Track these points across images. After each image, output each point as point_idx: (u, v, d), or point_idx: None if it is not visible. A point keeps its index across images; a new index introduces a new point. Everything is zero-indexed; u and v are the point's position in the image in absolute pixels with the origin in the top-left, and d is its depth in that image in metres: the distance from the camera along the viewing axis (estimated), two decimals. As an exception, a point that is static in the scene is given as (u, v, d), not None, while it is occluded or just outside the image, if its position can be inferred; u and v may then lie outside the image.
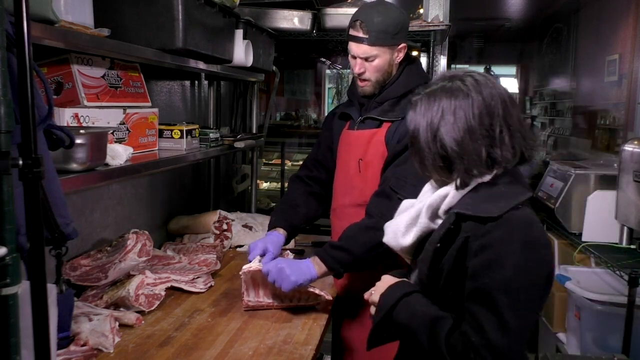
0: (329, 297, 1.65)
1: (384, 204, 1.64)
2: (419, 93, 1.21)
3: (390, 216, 1.63)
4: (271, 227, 1.87)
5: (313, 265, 1.62)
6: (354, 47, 1.72)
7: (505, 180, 1.15)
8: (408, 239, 1.24)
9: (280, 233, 1.84)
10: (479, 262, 1.08)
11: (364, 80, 1.75)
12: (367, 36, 1.67)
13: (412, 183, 1.63)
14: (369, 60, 1.71)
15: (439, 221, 1.19)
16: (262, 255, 1.72)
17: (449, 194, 1.17)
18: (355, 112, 1.85)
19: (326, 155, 1.97)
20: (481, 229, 1.09)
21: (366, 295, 1.32)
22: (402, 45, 1.74)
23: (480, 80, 1.15)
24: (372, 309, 1.28)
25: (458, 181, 1.15)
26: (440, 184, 1.21)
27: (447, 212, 1.18)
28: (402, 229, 1.26)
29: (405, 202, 1.34)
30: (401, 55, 1.76)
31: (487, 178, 1.15)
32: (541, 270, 1.09)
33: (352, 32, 1.71)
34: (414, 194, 1.63)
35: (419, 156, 1.20)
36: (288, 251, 1.86)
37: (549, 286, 1.13)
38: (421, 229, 1.22)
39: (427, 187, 1.30)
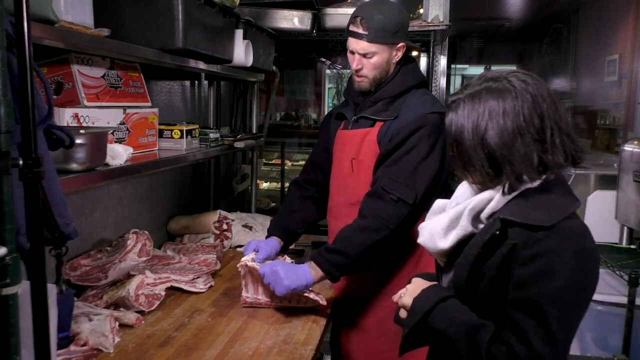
0: (323, 302, 1.64)
1: (377, 204, 1.64)
2: (458, 94, 1.15)
3: (383, 216, 1.61)
4: (268, 235, 1.89)
5: (309, 270, 1.60)
6: (353, 43, 1.72)
7: (556, 187, 1.10)
8: (447, 242, 1.18)
9: (276, 240, 1.85)
10: (528, 271, 1.03)
11: (361, 76, 1.75)
12: (366, 33, 1.67)
13: (404, 183, 1.63)
14: (367, 57, 1.71)
15: (480, 225, 1.14)
16: (257, 251, 1.74)
17: (494, 198, 1.11)
18: (350, 112, 1.86)
19: (323, 157, 1.97)
20: (531, 237, 1.04)
21: (395, 298, 1.27)
22: (401, 44, 1.74)
23: (528, 80, 1.09)
24: (403, 313, 1.22)
25: (506, 186, 1.09)
26: (482, 186, 1.15)
27: (489, 216, 1.12)
28: (440, 231, 1.20)
29: (439, 202, 1.29)
30: (400, 54, 1.76)
31: (536, 183, 1.09)
32: (590, 281, 1.05)
33: (352, 27, 1.71)
34: (407, 194, 1.62)
35: (461, 160, 1.14)
36: (285, 255, 1.86)
37: (592, 296, 1.08)
38: (462, 233, 1.16)
39: (464, 188, 1.24)
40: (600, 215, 2.77)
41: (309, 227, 2.00)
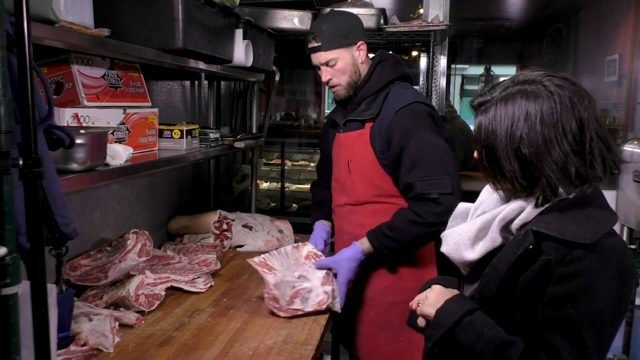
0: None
1: (425, 206, 1.66)
2: (486, 95, 1.08)
3: (436, 214, 1.62)
4: (313, 221, 2.03)
5: (359, 248, 1.72)
6: (314, 58, 1.81)
7: (593, 200, 1.04)
8: (474, 254, 1.12)
9: (324, 224, 1.99)
10: (564, 290, 0.98)
11: (334, 86, 1.83)
12: (320, 44, 1.76)
13: (435, 177, 1.66)
14: (330, 65, 1.78)
15: (509, 237, 1.09)
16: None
17: (526, 209, 1.05)
18: (340, 117, 1.91)
19: (326, 162, 2.04)
20: (568, 254, 0.98)
21: (413, 305, 1.22)
22: (360, 42, 1.79)
23: (565, 85, 1.02)
24: (421, 321, 1.18)
25: (540, 198, 1.03)
26: (510, 193, 1.10)
27: (520, 228, 1.07)
28: (467, 241, 1.13)
29: (461, 207, 1.23)
30: (363, 53, 1.81)
31: (571, 195, 1.03)
32: (627, 300, 1.00)
33: (309, 45, 1.80)
34: (444, 186, 1.63)
35: (492, 169, 1.07)
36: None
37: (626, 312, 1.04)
38: (492, 245, 1.09)
39: (488, 193, 1.18)
40: (600, 215, 2.76)
41: None
